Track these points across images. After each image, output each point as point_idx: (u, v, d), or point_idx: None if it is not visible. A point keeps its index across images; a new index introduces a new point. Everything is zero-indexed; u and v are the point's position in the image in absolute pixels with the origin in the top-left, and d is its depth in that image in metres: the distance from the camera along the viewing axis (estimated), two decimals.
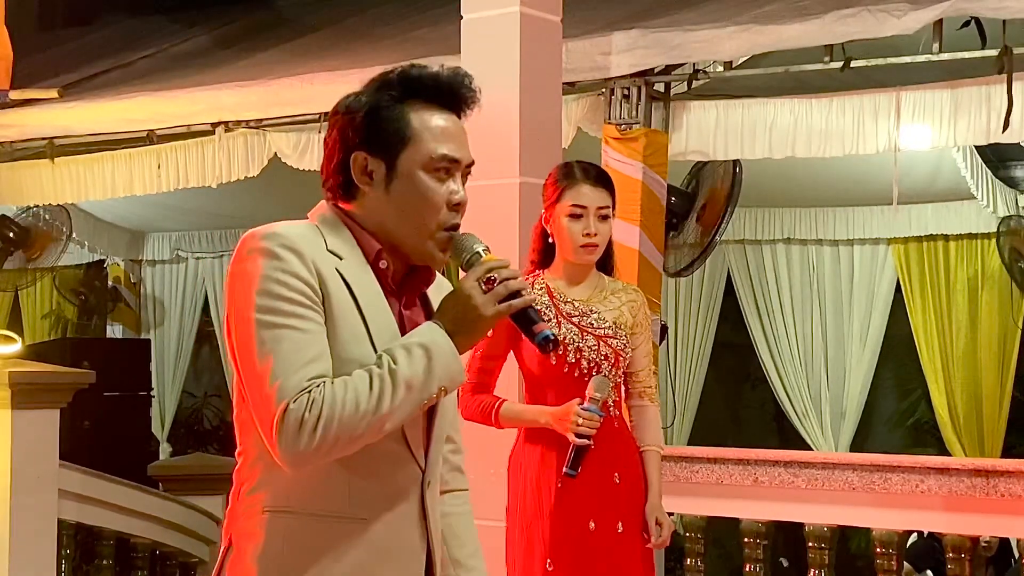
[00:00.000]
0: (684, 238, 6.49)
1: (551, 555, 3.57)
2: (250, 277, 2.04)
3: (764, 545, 4.82)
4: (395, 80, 2.16)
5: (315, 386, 1.98)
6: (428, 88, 2.15)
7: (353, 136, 2.13)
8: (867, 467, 4.53)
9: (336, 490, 2.07)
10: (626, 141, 5.65)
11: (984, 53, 5.25)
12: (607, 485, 3.65)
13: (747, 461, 4.76)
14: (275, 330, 2.00)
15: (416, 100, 2.14)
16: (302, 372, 1.98)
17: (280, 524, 2.07)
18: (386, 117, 2.13)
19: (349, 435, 1.98)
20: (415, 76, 2.15)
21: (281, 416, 1.97)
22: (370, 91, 2.17)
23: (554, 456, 3.60)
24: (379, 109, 2.14)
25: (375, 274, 2.13)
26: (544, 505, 3.60)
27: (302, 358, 1.99)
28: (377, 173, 2.12)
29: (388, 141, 2.12)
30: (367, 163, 2.12)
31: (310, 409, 1.96)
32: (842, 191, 7.92)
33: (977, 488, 4.32)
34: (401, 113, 2.13)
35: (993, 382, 8.08)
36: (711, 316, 8.85)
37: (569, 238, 3.62)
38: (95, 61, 8.56)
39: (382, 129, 2.12)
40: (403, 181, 2.12)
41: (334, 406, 1.97)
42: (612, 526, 3.63)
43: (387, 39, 7.14)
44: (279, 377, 1.98)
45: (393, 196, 2.12)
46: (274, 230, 2.09)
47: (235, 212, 8.86)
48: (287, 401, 1.97)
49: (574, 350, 3.60)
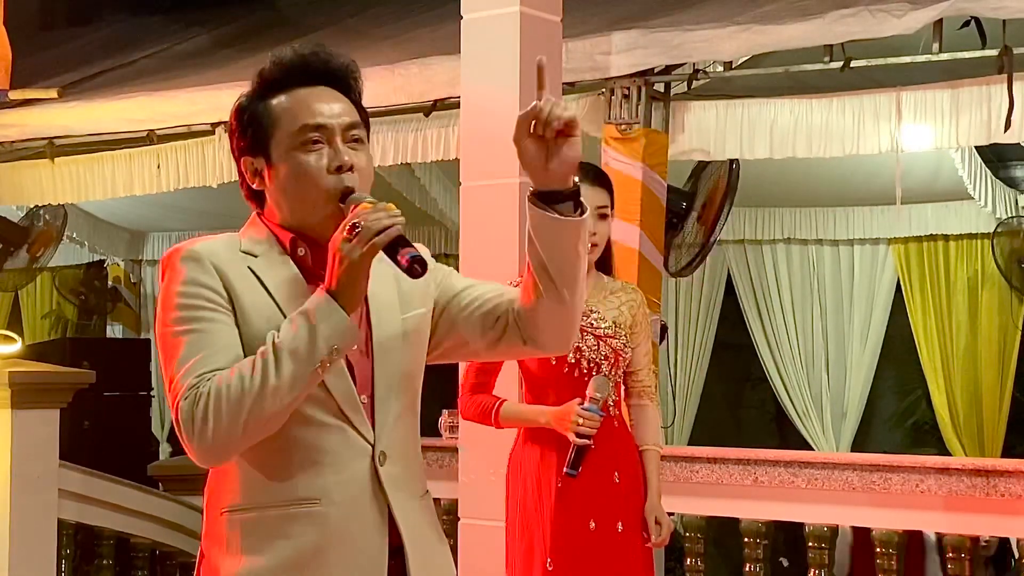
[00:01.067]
0: (684, 238, 6.50)
1: (551, 555, 3.58)
2: (161, 293, 2.12)
3: (764, 545, 4.82)
4: (255, 80, 2.21)
5: (204, 380, 2.02)
6: (279, 74, 2.19)
7: (236, 145, 2.20)
8: (867, 467, 4.53)
9: (282, 479, 2.08)
10: (626, 141, 5.65)
11: (984, 53, 5.25)
12: (607, 484, 3.65)
13: (747, 461, 4.77)
14: (176, 338, 2.06)
15: (275, 90, 2.18)
16: (193, 370, 2.03)
17: (237, 523, 2.10)
18: (250, 115, 2.18)
19: (243, 418, 2.00)
20: (265, 69, 2.20)
21: (176, 417, 2.03)
22: (239, 99, 2.23)
23: (554, 456, 3.61)
24: (243, 110, 2.19)
25: (296, 263, 2.15)
26: (544, 505, 3.61)
27: (195, 357, 2.04)
28: (262, 169, 2.17)
29: (258, 136, 2.16)
30: (252, 164, 2.18)
31: (197, 403, 2.00)
32: (842, 191, 7.92)
33: (977, 488, 4.32)
34: (262, 105, 2.17)
35: (993, 382, 8.08)
36: (711, 316, 8.85)
37: None
38: (95, 61, 8.56)
39: (251, 127, 2.17)
40: (281, 168, 2.14)
41: (219, 394, 1.99)
42: (612, 525, 3.64)
43: (387, 39, 7.14)
44: (176, 380, 2.05)
45: (279, 185, 2.15)
46: (181, 245, 2.15)
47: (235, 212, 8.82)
48: (179, 400, 2.02)
49: (574, 350, 3.60)
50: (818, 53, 5.47)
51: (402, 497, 2.15)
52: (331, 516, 2.08)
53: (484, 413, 3.66)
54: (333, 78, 2.22)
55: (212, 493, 2.15)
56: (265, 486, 2.09)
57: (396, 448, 2.16)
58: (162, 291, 2.11)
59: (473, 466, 4.74)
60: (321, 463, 2.09)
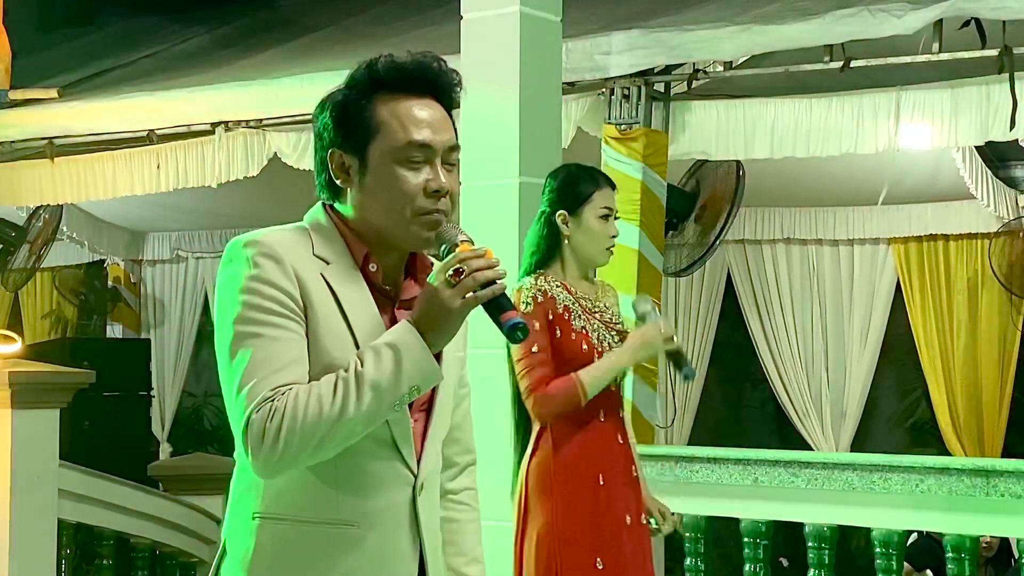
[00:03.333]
0: (684, 238, 6.50)
1: (600, 554, 3.57)
2: (229, 285, 2.05)
3: (764, 545, 4.81)
4: (363, 73, 2.14)
5: (279, 394, 1.96)
6: (393, 77, 2.12)
7: (328, 134, 2.13)
8: (867, 467, 4.53)
9: (325, 496, 2.05)
10: (626, 141, 5.65)
11: (984, 53, 5.25)
12: (631, 479, 3.70)
13: (747, 461, 4.76)
14: (247, 339, 2.00)
15: (384, 91, 2.12)
16: (268, 381, 1.97)
17: (269, 531, 2.07)
18: (354, 111, 2.11)
19: (315, 440, 1.96)
20: (379, 66, 2.13)
21: (245, 426, 1.97)
22: (342, 87, 2.16)
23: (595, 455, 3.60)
24: (347, 104, 2.12)
25: (365, 278, 2.11)
26: (591, 506, 3.59)
27: (270, 367, 1.98)
28: (353, 168, 2.11)
29: (358, 135, 2.10)
30: (343, 159, 2.12)
31: (271, 418, 1.95)
32: (842, 191, 7.92)
33: (977, 488, 4.32)
34: (368, 105, 2.11)
35: (993, 382, 8.09)
36: (711, 316, 8.85)
37: (600, 239, 3.69)
38: (95, 61, 8.56)
39: (351, 124, 2.11)
40: (376, 173, 2.09)
41: (295, 413, 1.95)
42: (639, 519, 3.69)
43: (387, 39, 7.14)
44: (246, 386, 1.98)
45: (369, 189, 2.10)
46: (256, 237, 2.07)
47: (235, 212, 8.85)
48: (250, 411, 1.96)
49: (607, 345, 3.63)
50: (818, 53, 5.47)
51: (432, 524, 2.16)
52: (367, 541, 2.07)
53: (569, 395, 3.54)
54: (441, 91, 2.20)
55: (244, 493, 2.10)
56: (306, 500, 2.06)
57: (432, 478, 2.17)
58: (231, 282, 2.04)
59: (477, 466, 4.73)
60: (366, 488, 2.07)
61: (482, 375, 4.49)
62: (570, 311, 3.62)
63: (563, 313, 3.61)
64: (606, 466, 3.62)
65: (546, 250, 3.73)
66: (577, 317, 3.62)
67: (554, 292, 3.63)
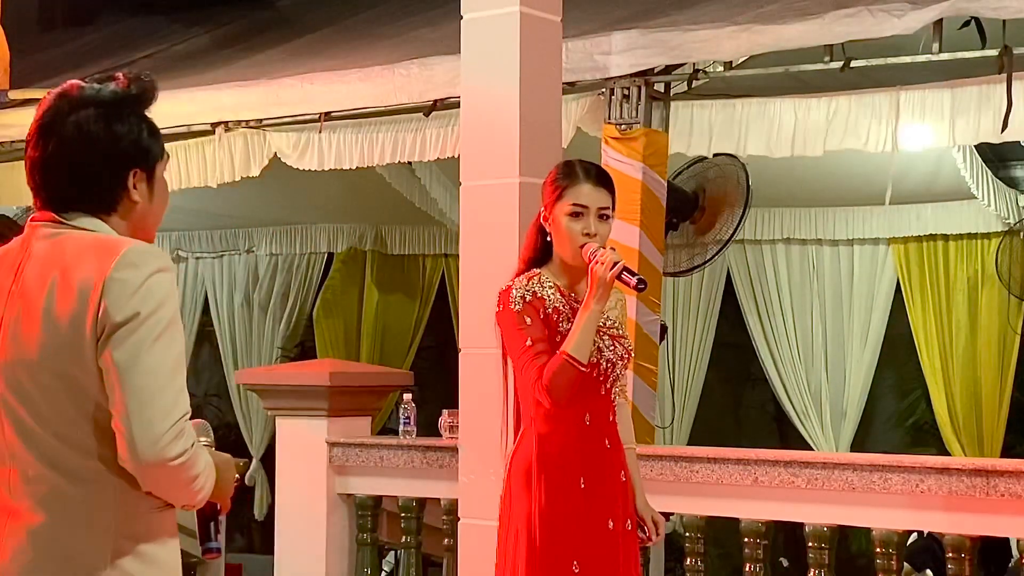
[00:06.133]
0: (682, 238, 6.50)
1: (578, 557, 3.55)
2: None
3: (764, 545, 4.82)
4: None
5: None
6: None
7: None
8: (867, 467, 4.53)
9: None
10: (626, 141, 5.65)
11: (984, 53, 5.25)
12: (618, 483, 3.66)
13: (747, 461, 4.76)
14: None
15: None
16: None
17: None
18: None
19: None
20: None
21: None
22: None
23: (574, 457, 3.59)
24: None
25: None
26: (568, 507, 3.58)
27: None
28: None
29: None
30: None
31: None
32: (842, 191, 7.92)
33: (977, 488, 4.32)
34: None
35: (993, 382, 8.08)
36: (711, 316, 8.85)
37: (569, 238, 3.59)
38: (94, 61, 8.56)
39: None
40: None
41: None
42: (623, 524, 3.65)
43: (387, 39, 7.14)
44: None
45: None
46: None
47: (235, 212, 8.85)
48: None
49: (595, 350, 3.57)
50: (818, 53, 5.47)
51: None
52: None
53: (563, 369, 3.48)
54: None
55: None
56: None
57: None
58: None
59: (473, 466, 4.74)
60: None
61: (480, 375, 4.52)
62: (560, 313, 3.59)
63: (552, 314, 3.58)
64: (589, 469, 3.59)
65: (536, 249, 3.71)
66: (565, 319, 3.58)
67: (545, 293, 3.59)
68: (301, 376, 6.00)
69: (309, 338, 9.70)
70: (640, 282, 3.53)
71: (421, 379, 6.59)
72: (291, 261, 9.66)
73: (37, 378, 2.18)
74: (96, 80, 2.31)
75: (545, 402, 3.54)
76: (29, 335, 2.18)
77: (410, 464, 5.55)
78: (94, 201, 2.28)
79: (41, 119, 2.32)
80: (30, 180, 2.34)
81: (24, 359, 2.19)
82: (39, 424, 2.17)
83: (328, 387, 5.76)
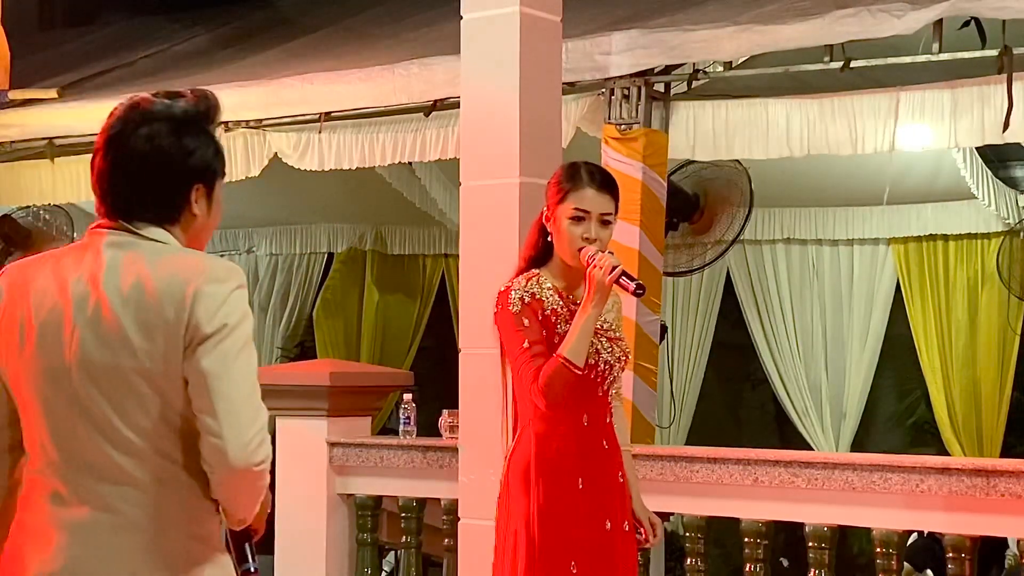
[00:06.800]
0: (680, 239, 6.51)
1: (575, 557, 3.55)
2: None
3: (764, 545, 4.82)
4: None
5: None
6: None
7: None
8: (867, 467, 4.53)
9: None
10: (626, 141, 5.65)
11: (984, 53, 5.25)
12: (616, 485, 3.66)
13: (747, 461, 4.76)
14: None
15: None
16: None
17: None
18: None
19: None
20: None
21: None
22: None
23: (572, 458, 3.59)
24: None
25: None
26: (568, 508, 3.57)
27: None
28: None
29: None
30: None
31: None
32: (842, 191, 7.92)
33: (977, 488, 4.32)
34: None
35: (992, 382, 8.08)
36: (710, 316, 8.85)
37: (568, 241, 3.58)
38: (95, 61, 8.56)
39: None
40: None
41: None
42: (620, 525, 3.65)
43: (387, 39, 7.14)
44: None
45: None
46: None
47: (235, 212, 8.82)
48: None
49: (593, 352, 3.56)
50: (818, 53, 5.48)
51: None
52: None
53: (559, 371, 3.48)
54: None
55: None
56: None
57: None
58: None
59: (473, 466, 4.74)
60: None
61: (480, 375, 4.52)
62: (558, 315, 3.58)
63: (549, 316, 3.58)
64: (587, 470, 3.59)
65: (537, 248, 3.71)
66: (563, 322, 3.58)
67: (543, 295, 3.59)
68: (301, 376, 6.00)
69: (309, 338, 9.70)
70: (639, 287, 3.53)
71: (421, 379, 6.59)
72: (291, 261, 9.66)
73: (117, 380, 2.26)
74: (165, 95, 2.38)
75: (541, 404, 3.54)
76: (108, 339, 2.26)
77: (410, 464, 5.55)
78: (159, 212, 2.36)
79: (110, 129, 2.37)
80: (96, 187, 2.39)
81: (104, 362, 2.27)
82: (117, 424, 2.26)
83: (328, 387, 5.76)
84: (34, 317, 2.32)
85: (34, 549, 2.28)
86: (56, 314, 2.30)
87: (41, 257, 2.46)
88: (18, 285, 2.37)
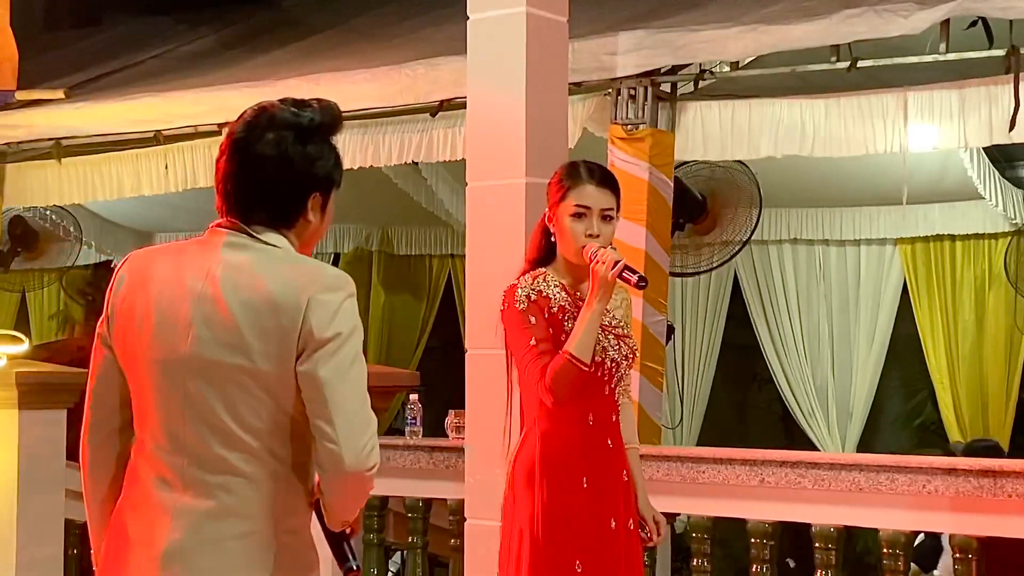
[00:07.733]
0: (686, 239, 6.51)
1: (580, 556, 3.55)
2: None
3: (771, 546, 4.81)
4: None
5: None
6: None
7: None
8: (874, 468, 4.52)
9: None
10: (632, 141, 5.65)
11: (991, 53, 5.25)
12: (621, 483, 3.65)
13: (754, 461, 4.75)
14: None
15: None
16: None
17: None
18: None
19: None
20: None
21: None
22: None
23: (576, 457, 3.59)
24: None
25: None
26: (573, 508, 3.57)
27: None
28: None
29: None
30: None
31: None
32: (849, 191, 7.92)
33: (984, 489, 4.31)
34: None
35: (999, 382, 8.07)
36: (718, 316, 8.84)
37: (571, 238, 3.59)
38: (101, 62, 8.57)
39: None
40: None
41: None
42: (625, 524, 3.64)
43: (393, 39, 7.14)
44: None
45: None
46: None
47: None
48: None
49: (600, 349, 3.56)
50: (825, 53, 5.47)
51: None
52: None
53: (565, 368, 3.49)
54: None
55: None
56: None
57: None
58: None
59: (479, 466, 4.74)
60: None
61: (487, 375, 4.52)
62: (565, 311, 3.59)
63: (557, 313, 3.58)
64: (592, 469, 3.59)
65: (541, 249, 3.71)
66: (571, 318, 3.58)
67: (550, 292, 3.59)
68: None
69: None
70: (641, 279, 3.53)
71: (427, 379, 6.59)
72: None
73: (229, 378, 2.33)
74: (292, 103, 2.43)
75: (548, 401, 3.54)
76: (223, 338, 2.33)
77: (416, 464, 5.54)
78: (277, 216, 2.42)
79: (237, 133, 2.42)
80: (219, 187, 2.45)
81: (217, 359, 2.33)
82: (225, 420, 2.33)
83: None
84: (154, 307, 2.38)
85: (138, 528, 2.38)
86: (174, 307, 2.36)
87: (163, 248, 2.54)
88: (140, 273, 2.44)
